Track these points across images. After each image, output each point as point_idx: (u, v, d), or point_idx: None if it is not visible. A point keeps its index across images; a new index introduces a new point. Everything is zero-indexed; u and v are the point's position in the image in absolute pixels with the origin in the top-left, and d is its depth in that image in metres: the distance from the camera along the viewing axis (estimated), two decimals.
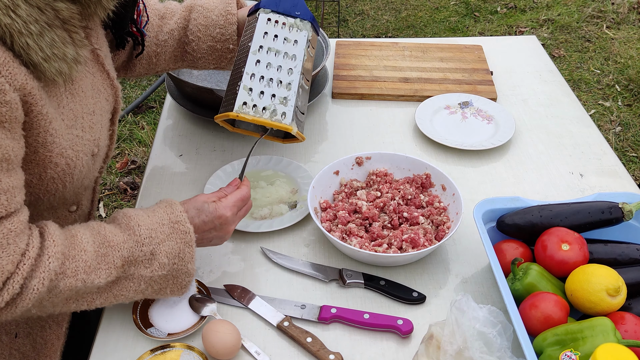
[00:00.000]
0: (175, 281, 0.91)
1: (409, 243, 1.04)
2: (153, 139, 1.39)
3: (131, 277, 0.87)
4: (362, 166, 1.20)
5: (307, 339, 0.92)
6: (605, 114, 3.00)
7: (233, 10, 1.11)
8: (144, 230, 0.87)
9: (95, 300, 0.85)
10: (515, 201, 1.04)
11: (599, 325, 0.83)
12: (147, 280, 0.88)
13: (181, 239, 0.89)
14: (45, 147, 0.81)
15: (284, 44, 1.02)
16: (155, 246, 0.87)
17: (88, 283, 0.81)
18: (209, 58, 1.15)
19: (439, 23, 3.79)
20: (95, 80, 0.91)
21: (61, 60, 0.77)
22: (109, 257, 0.83)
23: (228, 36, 1.11)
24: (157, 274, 0.88)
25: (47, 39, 0.75)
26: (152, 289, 0.90)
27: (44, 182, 0.85)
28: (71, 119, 0.84)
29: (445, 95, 1.47)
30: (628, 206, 1.00)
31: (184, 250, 0.89)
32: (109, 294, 0.86)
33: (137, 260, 0.86)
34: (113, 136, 1.00)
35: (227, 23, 1.11)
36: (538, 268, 0.95)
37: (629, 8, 3.83)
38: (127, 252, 0.85)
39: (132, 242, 0.86)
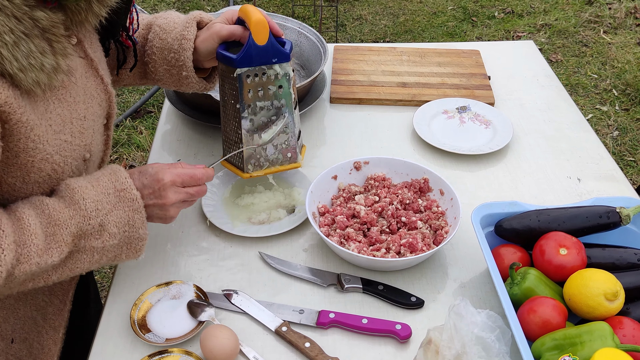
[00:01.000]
0: (130, 247, 0.91)
1: (407, 248, 1.04)
2: (151, 144, 1.39)
3: (83, 250, 0.87)
4: (360, 171, 1.20)
5: (306, 344, 0.92)
6: (603, 118, 3.01)
7: (189, 35, 1.05)
8: (89, 203, 0.85)
9: (51, 277, 0.85)
10: (513, 206, 1.04)
11: (597, 330, 0.83)
12: (99, 251, 0.88)
13: (129, 206, 0.89)
14: (27, 153, 0.80)
15: (270, 94, 1.04)
16: (103, 217, 0.86)
17: (42, 265, 0.81)
18: (167, 80, 1.11)
19: (436, 28, 3.80)
20: (89, 85, 0.91)
21: (38, 71, 0.76)
22: (57, 235, 0.83)
23: (182, 62, 1.06)
24: (108, 244, 0.88)
25: (23, 49, 0.74)
26: (107, 257, 0.90)
27: (29, 186, 0.85)
28: (59, 125, 0.84)
29: (443, 100, 1.47)
30: (626, 210, 1.00)
31: (133, 218, 0.89)
32: (64, 268, 0.86)
33: (86, 233, 0.86)
34: (108, 141, 1.00)
35: (181, 48, 1.05)
36: (536, 273, 0.95)
37: (626, 13, 3.85)
38: (75, 228, 0.84)
39: (79, 217, 0.84)
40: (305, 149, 1.17)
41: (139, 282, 1.04)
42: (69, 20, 0.84)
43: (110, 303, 1.00)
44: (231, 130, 1.07)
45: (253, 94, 1.03)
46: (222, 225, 1.12)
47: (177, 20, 1.08)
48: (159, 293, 1.00)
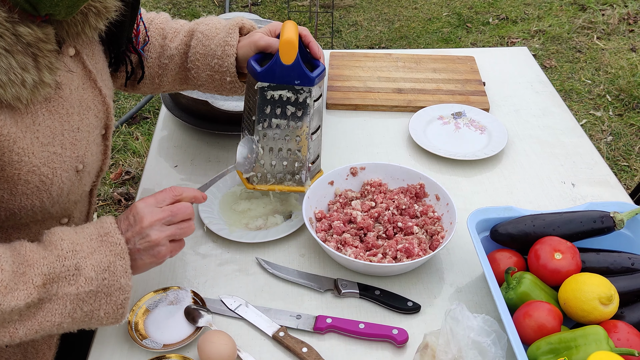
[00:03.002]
0: (109, 299, 0.81)
1: (404, 253, 1.05)
2: (147, 150, 1.39)
3: (55, 298, 0.78)
4: (356, 176, 1.21)
5: (303, 349, 0.93)
6: (597, 123, 3.03)
7: (232, 41, 1.05)
8: (66, 244, 0.79)
9: (18, 330, 0.77)
10: (508, 211, 1.05)
11: (592, 334, 0.84)
12: (73, 300, 0.79)
13: (111, 250, 0.81)
14: (12, 165, 0.79)
15: (287, 114, 1.04)
16: (80, 260, 0.79)
17: (4, 305, 0.74)
18: (209, 86, 1.12)
19: (431, 34, 3.82)
20: (85, 97, 0.90)
21: (19, 87, 0.75)
22: (27, 275, 0.76)
23: (225, 68, 1.07)
24: (83, 290, 0.79)
25: (3, 65, 0.73)
26: (82, 311, 0.81)
27: (16, 198, 0.83)
28: (47, 137, 0.83)
29: (439, 106, 1.48)
30: (619, 215, 1.01)
31: (115, 263, 0.81)
32: (33, 320, 0.78)
33: (59, 276, 0.78)
34: (107, 152, 0.99)
35: (224, 55, 1.06)
36: (531, 277, 0.95)
37: (619, 19, 3.88)
38: (47, 269, 0.77)
39: (52, 257, 0.78)
40: (321, 174, 1.16)
41: (136, 288, 1.04)
42: (64, 32, 0.84)
43: None
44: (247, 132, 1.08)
45: (271, 110, 1.03)
46: (219, 231, 1.12)
47: (219, 27, 1.08)
48: (156, 299, 1.00)
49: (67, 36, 0.85)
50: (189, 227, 0.90)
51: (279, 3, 4.16)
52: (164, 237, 0.87)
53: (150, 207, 0.87)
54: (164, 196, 0.89)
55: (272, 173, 1.08)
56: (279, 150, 1.06)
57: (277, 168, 1.07)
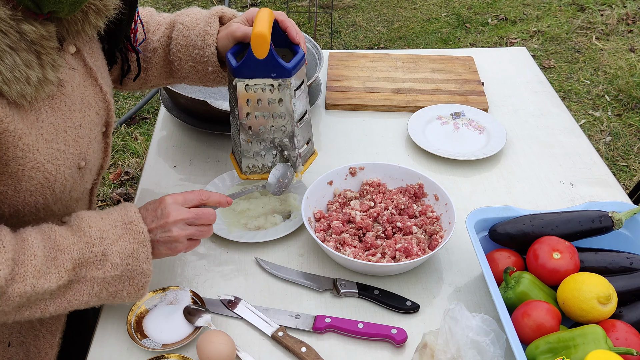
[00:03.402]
0: (132, 282, 0.89)
1: (403, 252, 1.05)
2: (146, 150, 1.39)
3: (83, 280, 0.85)
4: (355, 176, 1.21)
5: (302, 348, 0.93)
6: (596, 124, 3.03)
7: (212, 30, 1.04)
8: (94, 231, 0.85)
9: (48, 307, 0.84)
10: (507, 210, 1.05)
11: (591, 333, 0.84)
12: (100, 282, 0.86)
13: (134, 238, 0.88)
14: (17, 162, 0.80)
15: (269, 105, 1.02)
16: (107, 246, 0.85)
17: (38, 288, 0.80)
18: (193, 77, 1.11)
19: (430, 34, 3.83)
20: (86, 94, 0.91)
21: (23, 83, 0.76)
22: (58, 260, 0.82)
23: (206, 58, 1.05)
24: (109, 275, 0.86)
25: (8, 62, 0.74)
26: (107, 292, 0.88)
27: (20, 194, 0.84)
28: (51, 133, 0.84)
29: (438, 106, 1.48)
30: (618, 215, 1.01)
31: (138, 250, 0.88)
32: (62, 299, 0.84)
33: (87, 261, 0.85)
34: (107, 149, 1.00)
35: (204, 45, 1.05)
36: (530, 277, 0.95)
37: (618, 19, 3.88)
38: (77, 254, 0.83)
39: (82, 244, 0.84)
40: (315, 156, 1.15)
41: None
42: (64, 30, 0.84)
43: (107, 308, 1.01)
44: (235, 133, 1.08)
45: (252, 103, 1.02)
46: (218, 231, 1.12)
47: (200, 17, 1.07)
48: (155, 299, 1.00)
49: (67, 34, 0.85)
50: (207, 231, 0.97)
51: (278, 3, 4.16)
52: (184, 235, 0.93)
53: (178, 205, 0.93)
54: (192, 197, 0.95)
55: (264, 163, 1.08)
56: (267, 140, 1.05)
57: (267, 158, 1.07)
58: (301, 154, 1.09)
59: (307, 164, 1.12)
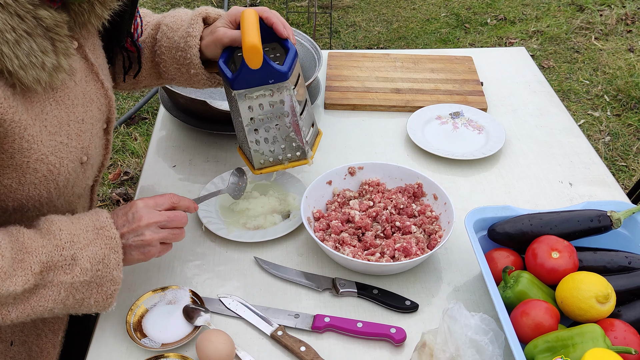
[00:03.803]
0: (100, 289, 0.86)
1: (402, 252, 1.05)
2: (146, 150, 1.39)
3: (50, 285, 0.82)
4: (354, 176, 1.21)
5: (301, 348, 0.93)
6: (595, 124, 3.03)
7: (194, 32, 1.03)
8: (65, 234, 0.83)
9: (10, 313, 0.80)
10: (505, 210, 1.05)
11: (589, 332, 0.84)
12: (67, 288, 0.83)
13: (106, 244, 0.86)
14: (22, 153, 0.81)
15: (271, 108, 1.03)
16: (77, 251, 0.83)
17: (3, 290, 0.77)
18: (180, 79, 1.10)
19: (430, 34, 3.83)
20: (88, 89, 0.91)
21: (39, 69, 0.76)
22: (25, 262, 0.79)
23: (189, 60, 1.04)
24: (78, 280, 0.83)
25: (25, 47, 0.74)
26: (74, 299, 0.85)
27: (25, 187, 0.85)
28: (55, 126, 0.84)
29: (437, 106, 1.48)
30: (616, 214, 1.01)
31: (109, 256, 0.86)
32: (26, 304, 0.81)
33: (56, 265, 0.82)
34: (108, 146, 1.00)
35: (187, 46, 1.03)
36: (529, 276, 0.96)
37: (617, 19, 3.89)
38: (45, 257, 0.81)
39: (51, 247, 0.82)
40: (320, 135, 1.16)
41: (135, 287, 1.04)
42: (72, 21, 0.85)
43: None
44: (241, 135, 1.09)
45: (254, 109, 1.03)
46: (218, 231, 1.12)
47: (184, 18, 1.07)
48: (154, 298, 1.00)
49: (74, 25, 0.86)
50: (180, 234, 0.96)
51: (277, 4, 4.16)
52: (157, 238, 0.92)
53: (149, 209, 0.92)
54: (163, 201, 0.95)
55: (274, 157, 1.09)
56: (274, 137, 1.06)
57: (276, 152, 1.08)
58: (308, 141, 1.09)
59: (315, 146, 1.13)
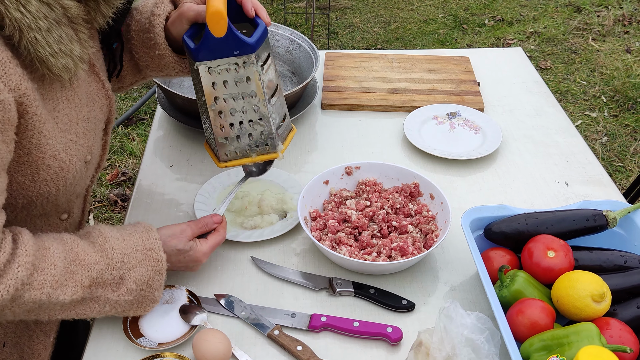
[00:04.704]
0: (140, 306, 0.92)
1: (398, 251, 1.05)
2: (143, 151, 1.39)
3: (97, 299, 0.87)
4: (351, 176, 1.21)
5: (298, 347, 0.93)
6: (592, 124, 3.04)
7: (159, 11, 0.99)
8: (117, 254, 0.87)
9: (56, 314, 0.86)
10: (502, 209, 1.06)
11: (585, 331, 0.85)
12: (112, 304, 0.89)
13: (152, 266, 0.90)
14: (39, 149, 0.82)
15: (237, 86, 0.95)
16: (126, 271, 0.88)
17: (53, 298, 0.81)
18: (152, 66, 1.06)
19: (427, 35, 3.84)
20: (91, 89, 0.92)
21: (68, 57, 0.78)
22: (77, 275, 0.83)
23: (154, 40, 1.00)
24: (123, 299, 0.89)
25: (55, 35, 0.76)
26: (115, 311, 0.91)
27: (37, 184, 0.85)
28: (66, 124, 0.86)
29: (434, 106, 1.49)
30: (612, 214, 1.02)
31: (154, 278, 0.91)
32: (71, 311, 0.86)
33: (105, 282, 0.87)
34: (106, 146, 1.01)
35: (151, 26, 1.00)
36: (525, 275, 0.96)
37: (614, 20, 3.89)
38: (96, 274, 0.85)
39: (103, 264, 0.86)
40: (293, 132, 1.08)
41: None
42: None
43: None
44: (205, 121, 1.02)
45: (219, 86, 0.96)
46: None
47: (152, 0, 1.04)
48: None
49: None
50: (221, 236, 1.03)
51: (275, 4, 4.16)
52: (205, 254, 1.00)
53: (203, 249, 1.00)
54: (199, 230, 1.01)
55: (241, 148, 1.02)
56: (240, 123, 0.99)
57: (243, 141, 1.01)
58: (279, 133, 1.03)
59: (287, 142, 1.06)
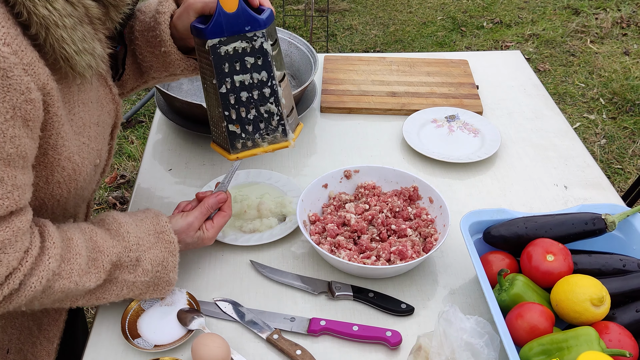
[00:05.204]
0: (156, 288, 0.95)
1: (397, 255, 1.05)
2: (142, 154, 1.39)
3: (115, 281, 0.90)
4: (350, 179, 1.21)
5: (297, 351, 0.93)
6: (590, 126, 3.04)
7: (164, 9, 1.00)
8: (132, 237, 0.91)
9: (78, 300, 0.89)
10: (501, 213, 1.06)
11: (584, 335, 0.85)
12: (129, 285, 0.92)
13: (165, 247, 0.94)
14: (55, 150, 0.83)
15: (249, 67, 0.95)
16: (142, 253, 0.91)
17: (80, 286, 0.85)
18: (156, 66, 1.06)
19: (426, 38, 3.84)
20: (99, 94, 0.93)
21: (90, 55, 0.79)
22: (98, 261, 0.87)
23: (159, 38, 1.00)
24: (139, 280, 0.92)
25: (79, 34, 0.77)
26: (133, 293, 0.94)
27: (50, 186, 0.86)
28: (80, 127, 0.87)
29: (432, 109, 1.49)
30: (611, 217, 1.02)
31: (167, 259, 0.94)
32: (92, 296, 0.90)
33: (123, 265, 0.90)
34: (111, 151, 1.02)
35: (156, 23, 1.00)
36: (524, 279, 0.96)
37: (612, 23, 3.90)
38: (115, 257, 0.88)
39: (120, 248, 0.89)
40: (301, 127, 1.08)
41: None
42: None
43: (103, 310, 1.01)
44: (213, 108, 1.00)
45: (230, 67, 0.95)
46: None
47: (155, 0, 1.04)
48: (151, 299, 1.00)
49: None
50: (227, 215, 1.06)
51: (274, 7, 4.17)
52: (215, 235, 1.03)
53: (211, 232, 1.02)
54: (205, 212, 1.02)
55: (252, 139, 1.00)
56: (252, 109, 0.98)
57: (254, 131, 0.99)
58: (289, 121, 1.02)
59: (297, 133, 1.05)
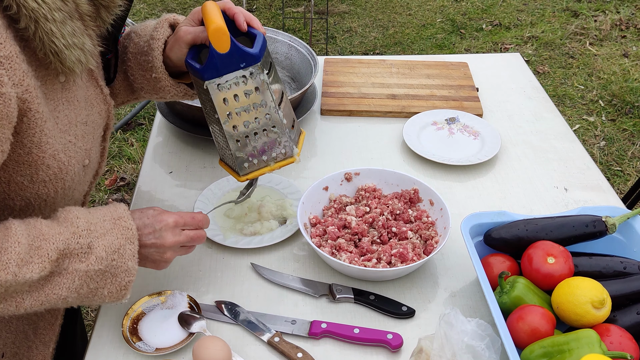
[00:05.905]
0: (114, 280, 0.86)
1: (398, 258, 1.05)
2: (142, 156, 1.39)
3: (65, 272, 0.82)
4: (351, 182, 1.22)
5: (298, 354, 0.93)
6: (590, 128, 3.05)
7: (158, 35, 1.01)
8: (82, 222, 0.84)
9: (24, 301, 0.80)
10: (501, 215, 1.06)
11: (585, 337, 0.85)
12: (82, 276, 0.83)
13: (122, 234, 0.86)
14: (39, 148, 0.81)
15: (248, 97, 0.97)
16: (94, 239, 0.83)
17: (19, 277, 0.77)
18: (147, 88, 1.07)
19: (425, 40, 3.85)
20: (89, 94, 0.92)
21: (80, 50, 0.79)
22: (42, 249, 0.79)
23: (151, 64, 1.02)
24: (93, 269, 0.83)
25: (69, 28, 0.77)
26: (88, 288, 0.84)
27: (35, 185, 0.85)
28: (65, 124, 0.86)
29: (432, 112, 1.49)
30: (611, 219, 1.02)
31: (125, 246, 0.86)
32: (40, 292, 0.81)
33: (72, 252, 0.82)
34: (104, 153, 1.01)
35: (149, 49, 1.01)
36: (525, 281, 0.96)
37: (611, 25, 3.91)
38: (62, 244, 0.81)
39: (68, 234, 0.82)
40: (304, 135, 1.11)
41: (133, 291, 1.03)
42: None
43: (104, 311, 1.01)
44: (219, 136, 1.03)
45: (230, 101, 0.98)
46: (214, 237, 1.12)
47: (151, 24, 1.05)
48: (152, 302, 1.00)
49: None
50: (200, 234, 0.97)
51: (273, 9, 4.17)
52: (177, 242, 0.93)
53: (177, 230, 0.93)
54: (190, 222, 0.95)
55: (258, 159, 1.03)
56: (255, 134, 1.00)
57: (259, 152, 1.02)
58: (292, 137, 1.04)
59: (300, 145, 1.08)
